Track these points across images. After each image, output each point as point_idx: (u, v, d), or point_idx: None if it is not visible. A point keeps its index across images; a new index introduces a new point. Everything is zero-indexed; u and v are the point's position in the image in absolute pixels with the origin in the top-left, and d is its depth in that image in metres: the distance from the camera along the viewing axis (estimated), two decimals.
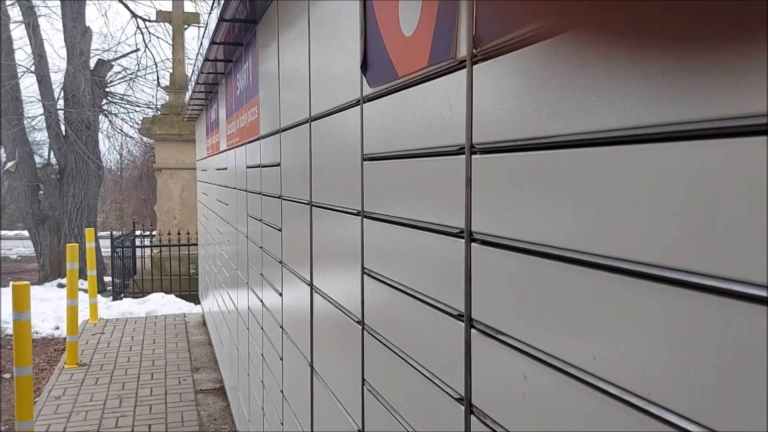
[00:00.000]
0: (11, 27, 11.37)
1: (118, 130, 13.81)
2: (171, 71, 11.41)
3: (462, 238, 0.97)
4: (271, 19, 2.64)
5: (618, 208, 0.62)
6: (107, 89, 12.51)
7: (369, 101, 1.39)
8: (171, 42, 11.40)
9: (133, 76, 13.08)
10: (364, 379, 1.48)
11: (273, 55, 2.59)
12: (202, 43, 4.29)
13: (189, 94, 6.27)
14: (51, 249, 11.21)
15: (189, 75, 8.85)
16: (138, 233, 10.99)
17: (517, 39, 0.79)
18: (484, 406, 0.91)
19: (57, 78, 11.95)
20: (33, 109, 12.46)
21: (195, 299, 9.23)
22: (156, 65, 13.65)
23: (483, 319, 0.91)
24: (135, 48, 13.13)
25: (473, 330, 0.94)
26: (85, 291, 8.41)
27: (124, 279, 10.10)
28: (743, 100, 0.48)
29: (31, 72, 11.50)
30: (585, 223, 0.68)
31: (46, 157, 12.39)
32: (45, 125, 11.56)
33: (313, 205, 1.97)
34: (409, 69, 1.13)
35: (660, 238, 0.57)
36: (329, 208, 1.78)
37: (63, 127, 11.34)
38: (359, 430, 1.51)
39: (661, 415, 0.57)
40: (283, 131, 2.43)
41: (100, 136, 12.29)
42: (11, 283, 4.23)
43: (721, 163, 0.50)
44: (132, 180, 22.57)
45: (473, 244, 0.94)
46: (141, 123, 11.19)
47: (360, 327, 1.51)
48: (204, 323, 7.86)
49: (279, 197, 2.55)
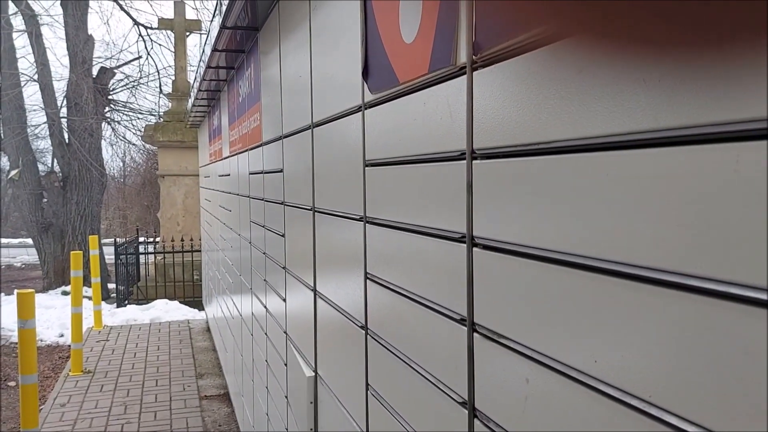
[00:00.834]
0: (14, 36, 11.44)
1: (120, 137, 13.86)
2: (173, 78, 11.45)
3: (464, 242, 0.97)
4: (273, 27, 2.65)
5: (617, 212, 0.63)
6: (110, 97, 12.56)
7: (370, 107, 1.40)
8: (173, 49, 11.44)
9: (136, 83, 13.13)
10: (368, 384, 1.48)
11: (275, 62, 2.60)
12: (204, 51, 4.31)
13: (191, 101, 6.29)
14: (55, 257, 11.24)
15: (191, 82, 8.88)
16: (141, 240, 11.01)
17: (517, 45, 0.80)
18: (487, 409, 0.92)
19: (60, 86, 12.02)
20: (36, 118, 12.52)
21: (199, 305, 9.24)
22: (158, 72, 13.69)
23: (485, 324, 0.92)
24: (137, 55, 13.19)
25: (476, 334, 0.95)
26: (89, 298, 8.42)
27: (128, 286, 10.12)
28: (740, 104, 0.49)
29: (34, 80, 11.56)
30: (585, 227, 0.68)
31: (49, 165, 12.45)
32: (48, 133, 11.61)
33: (316, 211, 1.98)
34: (410, 75, 1.14)
35: (659, 241, 0.57)
36: (332, 213, 1.79)
37: (66, 135, 11.38)
38: None
39: (662, 417, 0.57)
40: (286, 137, 2.44)
41: (103, 143, 12.34)
42: (16, 291, 4.24)
43: (719, 167, 0.51)
44: (135, 187, 22.62)
45: (475, 248, 0.94)
46: (144, 130, 11.22)
47: (363, 332, 1.51)
48: (208, 329, 7.86)
49: (282, 203, 2.56)
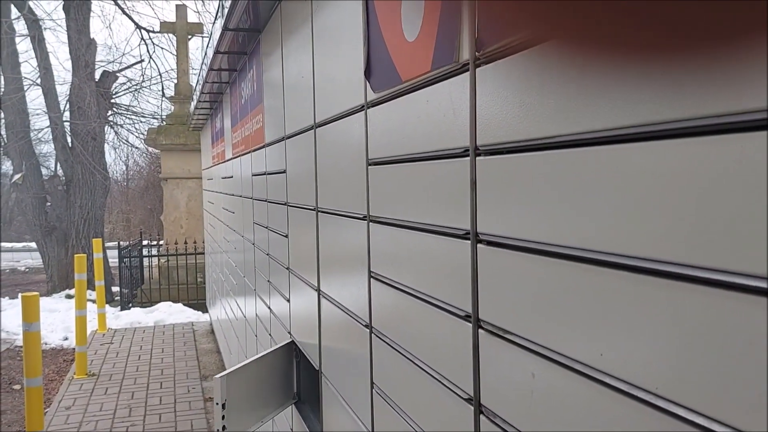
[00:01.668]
0: (17, 40, 11.47)
1: (123, 140, 13.88)
2: (175, 81, 11.47)
3: (468, 239, 0.97)
4: (275, 28, 2.66)
5: (621, 205, 0.63)
6: (112, 100, 12.59)
7: (373, 106, 1.40)
8: (175, 52, 11.46)
9: (138, 86, 13.16)
10: (372, 382, 1.49)
11: (277, 64, 2.61)
12: (206, 53, 4.32)
13: (194, 103, 6.31)
14: (59, 260, 11.26)
15: (193, 85, 8.90)
16: (145, 243, 11.02)
17: (519, 42, 0.80)
18: (493, 405, 0.92)
19: (63, 90, 12.05)
20: (39, 122, 12.55)
21: (202, 308, 9.25)
22: (160, 76, 13.75)
23: (490, 319, 0.92)
24: (139, 59, 13.23)
25: (481, 330, 0.95)
26: (94, 301, 8.44)
27: (131, 289, 10.13)
28: (742, 96, 0.49)
29: (37, 84, 11.59)
30: (590, 221, 0.69)
31: (52, 169, 12.48)
32: (51, 137, 11.64)
33: (319, 211, 1.99)
34: (413, 73, 1.14)
35: (663, 233, 0.58)
36: (335, 213, 1.80)
37: (69, 139, 11.41)
38: None
39: (668, 409, 0.57)
40: (288, 138, 2.45)
41: (106, 147, 12.36)
42: (20, 295, 4.25)
43: (722, 159, 0.51)
44: (138, 190, 22.66)
45: (479, 245, 0.95)
46: (147, 133, 11.25)
47: (368, 330, 1.51)
48: (212, 331, 7.87)
49: (285, 204, 2.57)
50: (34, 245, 12.42)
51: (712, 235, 0.52)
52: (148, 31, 12.93)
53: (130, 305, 9.77)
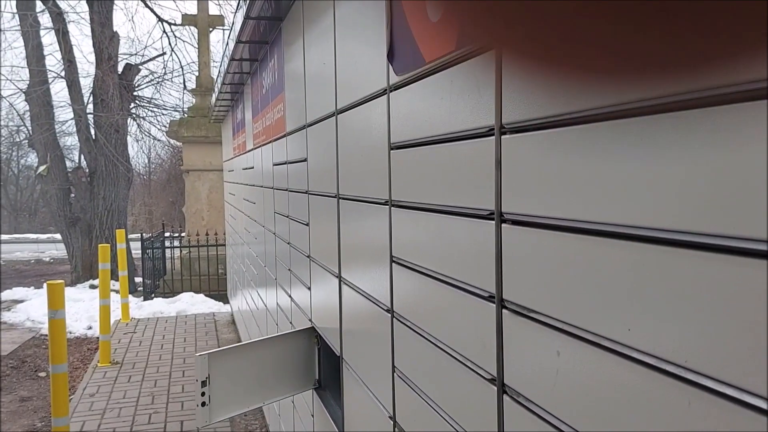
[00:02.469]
0: (41, 33, 11.63)
1: (146, 133, 14.01)
2: (197, 74, 11.55)
3: (492, 219, 0.97)
4: (296, 16, 2.66)
5: (647, 177, 0.62)
6: (135, 93, 12.71)
7: (396, 90, 1.40)
8: (196, 45, 11.54)
9: (160, 79, 13.27)
10: (394, 366, 1.49)
11: (298, 52, 2.61)
12: (227, 44, 4.34)
13: (215, 95, 6.34)
14: (83, 251, 11.42)
15: (215, 77, 8.94)
16: (167, 235, 11.14)
17: None
18: (516, 385, 0.91)
19: (86, 83, 12.19)
20: (63, 114, 12.71)
21: (224, 299, 9.34)
22: (182, 68, 13.83)
23: (515, 299, 0.91)
24: (161, 52, 13.31)
25: (505, 310, 0.94)
26: (117, 291, 8.55)
27: (154, 279, 10.25)
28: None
29: (62, 77, 11.74)
30: (615, 196, 0.68)
31: (76, 161, 12.65)
32: (75, 129, 11.78)
33: (341, 198, 1.99)
34: (437, 54, 1.13)
35: (692, 204, 0.57)
36: (357, 199, 1.80)
37: (93, 131, 11.55)
38: (390, 416, 1.52)
39: (699, 381, 0.56)
40: (309, 126, 2.45)
41: (128, 139, 12.49)
42: (45, 283, 4.32)
43: (741, 129, 0.50)
44: (160, 183, 22.90)
45: (504, 225, 0.94)
46: (168, 126, 11.35)
47: (389, 315, 1.51)
48: (233, 322, 7.94)
49: (306, 192, 2.58)
50: (58, 236, 12.62)
51: (741, 205, 0.51)
52: (169, 24, 13.02)
53: (152, 296, 9.89)
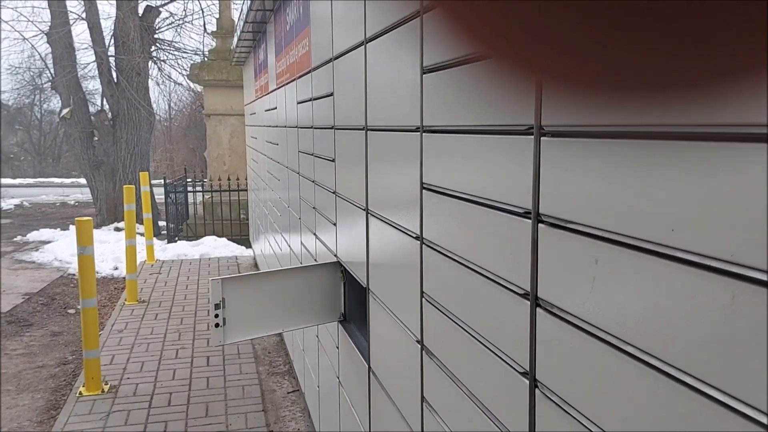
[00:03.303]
0: None
1: (166, 76, 13.97)
2: (218, 16, 11.41)
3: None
4: None
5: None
6: (155, 36, 12.62)
7: (428, 11, 1.37)
8: None
9: (181, 22, 13.15)
10: (422, 292, 1.50)
11: None
12: None
13: (237, 35, 6.28)
14: (107, 194, 11.57)
15: (236, 19, 8.83)
16: (189, 181, 11.23)
17: None
18: (550, 297, 0.92)
19: (107, 25, 12.12)
20: (85, 57, 12.67)
21: (246, 243, 9.45)
22: (202, 11, 13.69)
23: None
24: None
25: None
26: (142, 234, 8.69)
27: (177, 224, 10.39)
28: None
29: (83, 18, 11.67)
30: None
31: (99, 105, 12.69)
32: (97, 72, 11.78)
33: (369, 130, 1.98)
34: None
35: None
36: (386, 129, 1.78)
37: (114, 74, 11.54)
38: (418, 340, 1.54)
39: (747, 275, 0.56)
40: (336, 59, 2.42)
41: (150, 83, 12.48)
42: (75, 219, 4.40)
43: None
44: (181, 130, 22.98)
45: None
46: (190, 69, 11.29)
47: (419, 242, 1.52)
48: (255, 265, 8.06)
49: (332, 128, 2.57)
50: (82, 180, 12.78)
51: None
52: None
53: (176, 239, 10.04)
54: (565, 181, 0.87)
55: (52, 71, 12.23)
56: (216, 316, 2.27)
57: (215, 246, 9.40)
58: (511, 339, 1.04)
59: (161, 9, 12.67)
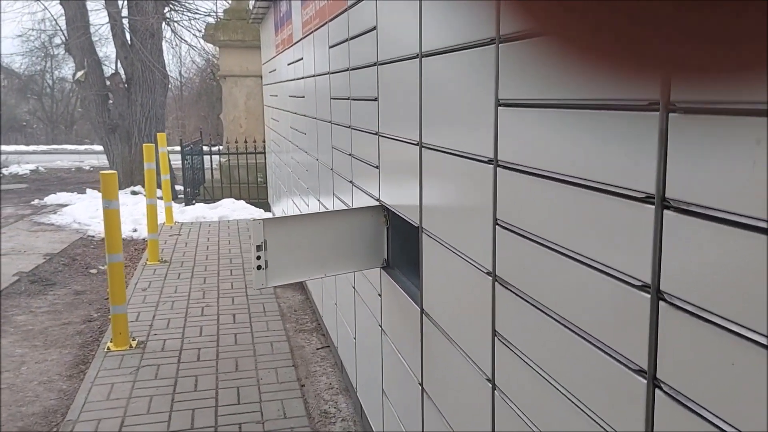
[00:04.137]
0: None
1: (179, 37, 13.77)
2: None
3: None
4: None
5: None
6: None
7: None
8: None
9: None
10: (495, 218, 1.39)
11: None
12: None
13: None
14: (123, 157, 11.50)
15: None
16: (205, 145, 11.12)
17: None
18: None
19: None
20: (98, 18, 12.47)
21: (264, 206, 9.37)
22: None
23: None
24: None
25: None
26: (160, 197, 8.62)
27: (194, 187, 10.32)
28: None
29: None
30: None
31: (113, 67, 12.52)
32: (111, 34, 11.60)
33: (423, 56, 1.85)
34: None
35: None
36: (447, 50, 1.66)
37: (128, 36, 11.37)
38: (489, 272, 1.44)
39: None
40: None
41: (164, 45, 12.30)
42: (99, 173, 4.31)
43: None
44: (192, 97, 22.81)
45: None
46: (204, 29, 11.10)
47: (491, 166, 1.41)
48: None
49: (374, 64, 2.43)
50: (96, 147, 12.65)
51: None
52: None
53: (193, 201, 9.98)
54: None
55: (65, 34, 12.07)
56: (258, 258, 2.18)
57: (233, 209, 9.33)
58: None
59: None
